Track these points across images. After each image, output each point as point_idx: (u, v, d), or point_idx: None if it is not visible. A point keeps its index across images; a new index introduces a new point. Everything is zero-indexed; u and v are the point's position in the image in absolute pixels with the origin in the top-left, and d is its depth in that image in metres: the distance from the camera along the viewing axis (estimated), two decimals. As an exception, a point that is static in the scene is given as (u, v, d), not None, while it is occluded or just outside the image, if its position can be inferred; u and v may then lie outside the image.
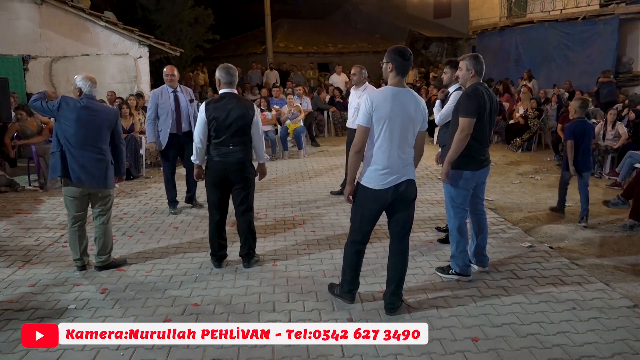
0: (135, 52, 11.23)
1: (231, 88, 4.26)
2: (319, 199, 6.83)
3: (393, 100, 3.28)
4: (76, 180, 4.19)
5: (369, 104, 3.28)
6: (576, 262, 4.55)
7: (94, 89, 4.30)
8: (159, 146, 6.05)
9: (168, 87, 6.03)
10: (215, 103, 4.18)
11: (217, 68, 4.32)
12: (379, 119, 3.28)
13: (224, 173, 4.25)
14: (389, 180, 3.34)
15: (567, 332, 3.32)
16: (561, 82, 13.14)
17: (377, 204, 3.42)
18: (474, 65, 4.02)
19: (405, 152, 3.36)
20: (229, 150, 4.19)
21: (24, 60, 10.37)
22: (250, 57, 20.19)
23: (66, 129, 4.16)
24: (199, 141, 4.23)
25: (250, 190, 4.40)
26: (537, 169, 8.67)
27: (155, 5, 16.45)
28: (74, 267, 4.42)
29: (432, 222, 5.67)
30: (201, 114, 4.18)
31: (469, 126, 3.88)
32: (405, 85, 3.41)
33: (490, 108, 4.02)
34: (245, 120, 4.19)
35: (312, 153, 10.47)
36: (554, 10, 14.54)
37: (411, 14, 25.12)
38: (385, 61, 3.38)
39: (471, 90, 3.96)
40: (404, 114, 3.29)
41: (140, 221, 5.88)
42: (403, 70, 3.35)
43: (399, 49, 3.38)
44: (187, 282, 4.16)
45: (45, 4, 10.31)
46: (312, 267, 4.46)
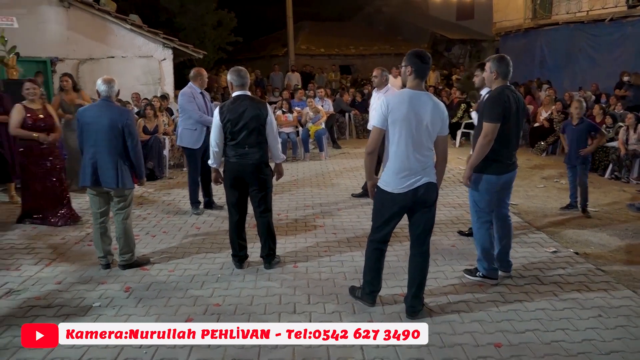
0: (160, 55, 11.39)
1: (244, 90, 4.29)
2: (339, 200, 6.83)
3: (409, 103, 3.27)
4: (91, 183, 4.30)
5: (384, 106, 3.31)
6: (602, 268, 4.46)
7: (111, 89, 4.35)
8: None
9: (197, 88, 6.12)
10: (229, 106, 4.22)
11: (229, 72, 4.36)
12: (394, 122, 3.28)
13: (239, 174, 4.28)
14: (407, 184, 3.33)
15: (593, 340, 3.25)
16: (587, 85, 12.91)
17: (396, 207, 3.42)
18: (497, 67, 3.96)
19: (423, 155, 3.34)
20: (244, 151, 4.22)
21: (51, 63, 10.60)
22: (272, 59, 20.31)
23: (79, 134, 4.34)
24: (215, 145, 4.28)
25: (268, 192, 4.42)
26: (562, 173, 8.49)
27: (179, 8, 16.65)
28: (99, 266, 4.50)
29: (454, 226, 5.62)
30: (216, 118, 4.23)
31: (493, 131, 3.82)
32: (424, 89, 3.40)
33: (517, 111, 3.95)
34: (259, 120, 4.21)
35: (334, 155, 10.47)
36: (580, 12, 14.29)
37: (433, 16, 24.95)
38: (404, 64, 3.40)
39: (496, 94, 3.90)
40: (420, 117, 3.27)
41: (164, 221, 5.95)
42: (422, 73, 3.35)
43: (417, 52, 3.37)
44: (209, 282, 4.20)
45: (73, 7, 10.52)
46: (332, 269, 4.46)
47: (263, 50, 22.86)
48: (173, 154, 9.05)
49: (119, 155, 4.30)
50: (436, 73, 17.74)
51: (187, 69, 16.13)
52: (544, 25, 15.48)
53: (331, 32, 23.65)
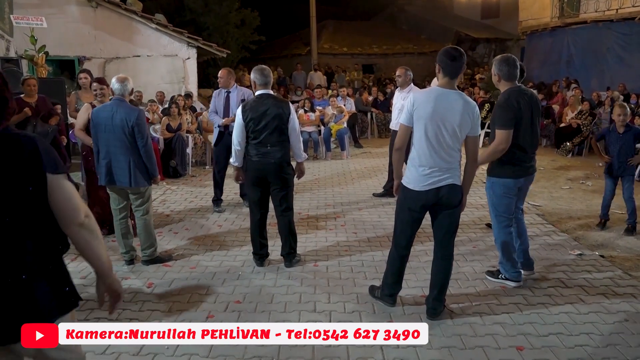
0: (184, 54, 11.54)
1: (267, 89, 4.31)
2: (361, 200, 6.81)
3: (436, 101, 3.24)
4: (106, 181, 4.38)
5: (410, 104, 3.30)
6: (629, 272, 4.36)
7: (125, 87, 4.35)
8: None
9: (222, 88, 6.27)
10: (251, 104, 4.24)
11: (252, 70, 4.38)
12: (419, 118, 3.26)
13: (261, 173, 4.30)
14: (429, 182, 3.29)
15: (618, 345, 3.18)
16: (615, 85, 12.63)
17: (417, 205, 3.38)
18: (498, 69, 3.86)
19: (449, 155, 3.29)
20: (266, 150, 4.24)
21: (79, 61, 10.82)
22: (295, 58, 20.36)
23: (93, 133, 4.41)
24: (237, 143, 4.30)
25: (289, 191, 4.43)
26: (588, 175, 8.36)
27: (203, 7, 16.83)
28: (123, 262, 4.58)
29: (476, 227, 5.56)
30: (238, 117, 4.26)
31: (506, 139, 3.75)
32: (455, 87, 3.34)
33: (531, 113, 3.85)
34: (281, 119, 4.23)
35: (355, 154, 10.46)
36: (609, 10, 13.97)
37: (458, 15, 24.67)
38: (436, 62, 3.38)
39: (503, 101, 3.80)
40: (447, 116, 3.23)
41: (186, 218, 6.03)
42: (451, 71, 3.29)
43: (447, 50, 3.33)
44: (230, 280, 4.24)
45: (100, 7, 10.73)
46: (353, 268, 4.46)
47: (286, 49, 22.93)
48: (196, 152, 9.15)
49: (131, 153, 4.29)
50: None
51: (211, 67, 16.38)
52: (572, 24, 15.18)
53: (354, 31, 23.61)
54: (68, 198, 1.84)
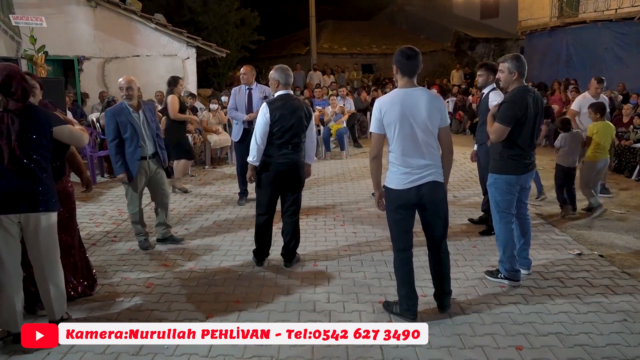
0: (184, 53, 11.54)
1: (288, 89, 4.31)
2: (360, 200, 6.82)
3: (402, 101, 3.24)
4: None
5: (377, 111, 3.30)
6: (628, 271, 4.36)
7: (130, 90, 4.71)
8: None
9: (243, 85, 6.35)
10: (279, 103, 4.19)
11: (274, 69, 4.33)
12: (389, 124, 3.27)
13: (281, 174, 4.27)
14: (409, 181, 3.29)
15: (617, 345, 3.19)
16: (614, 85, 12.63)
17: (402, 205, 3.37)
18: (517, 67, 3.88)
19: (428, 152, 3.29)
20: (287, 151, 4.23)
21: (78, 61, 10.81)
22: (294, 58, 20.34)
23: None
24: (261, 142, 4.20)
25: (300, 192, 4.47)
26: (588, 174, 8.34)
27: (203, 7, 16.81)
28: (124, 261, 4.61)
29: (475, 227, 5.55)
30: (265, 115, 4.15)
31: (502, 134, 3.84)
32: (416, 85, 3.35)
33: (535, 112, 3.91)
34: (307, 121, 4.28)
35: (354, 154, 10.46)
36: (608, 10, 13.97)
37: (457, 15, 24.68)
38: (393, 64, 3.38)
39: (518, 99, 3.82)
40: (416, 114, 3.24)
41: (186, 218, 6.03)
42: (408, 70, 3.30)
43: (401, 50, 3.35)
44: (230, 280, 4.24)
45: (100, 7, 10.72)
46: (352, 268, 4.46)
47: (285, 49, 22.91)
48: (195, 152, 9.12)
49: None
50: (460, 72, 17.57)
51: (210, 67, 16.37)
52: (571, 24, 15.18)
53: (353, 30, 23.57)
54: (68, 135, 3.30)
